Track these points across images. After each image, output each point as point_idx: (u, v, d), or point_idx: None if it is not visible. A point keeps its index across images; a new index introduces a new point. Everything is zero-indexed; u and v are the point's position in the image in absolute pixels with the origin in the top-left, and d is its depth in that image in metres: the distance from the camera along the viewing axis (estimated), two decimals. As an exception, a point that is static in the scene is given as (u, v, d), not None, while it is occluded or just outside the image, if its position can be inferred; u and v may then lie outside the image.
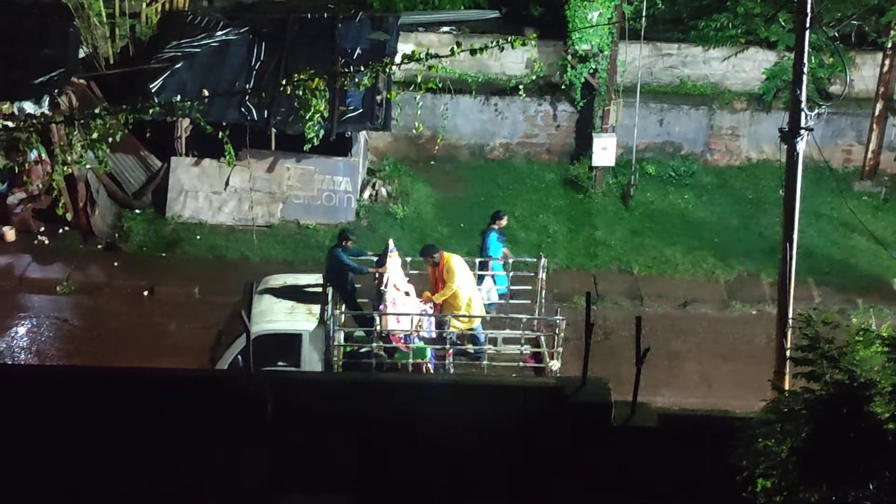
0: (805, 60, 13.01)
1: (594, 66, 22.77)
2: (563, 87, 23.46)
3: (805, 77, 13.09)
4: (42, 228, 21.30)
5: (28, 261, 20.66)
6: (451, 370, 15.82)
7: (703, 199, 22.94)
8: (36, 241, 21.10)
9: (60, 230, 21.16)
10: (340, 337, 15.77)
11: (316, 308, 15.78)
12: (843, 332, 10.02)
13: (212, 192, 21.68)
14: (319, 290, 16.19)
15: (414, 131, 22.29)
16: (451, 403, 12.29)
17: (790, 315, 13.49)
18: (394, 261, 16.26)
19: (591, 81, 22.91)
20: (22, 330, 18.81)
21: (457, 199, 22.79)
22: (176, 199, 21.69)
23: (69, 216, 20.00)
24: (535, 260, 17.07)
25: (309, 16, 22.79)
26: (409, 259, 16.91)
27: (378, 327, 15.65)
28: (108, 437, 9.28)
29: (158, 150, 22.11)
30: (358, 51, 21.99)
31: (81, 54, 22.20)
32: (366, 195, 22.34)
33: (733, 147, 24.06)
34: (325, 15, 22.80)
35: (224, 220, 21.64)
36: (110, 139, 14.05)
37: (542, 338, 16.28)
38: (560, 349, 15.82)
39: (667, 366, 18.07)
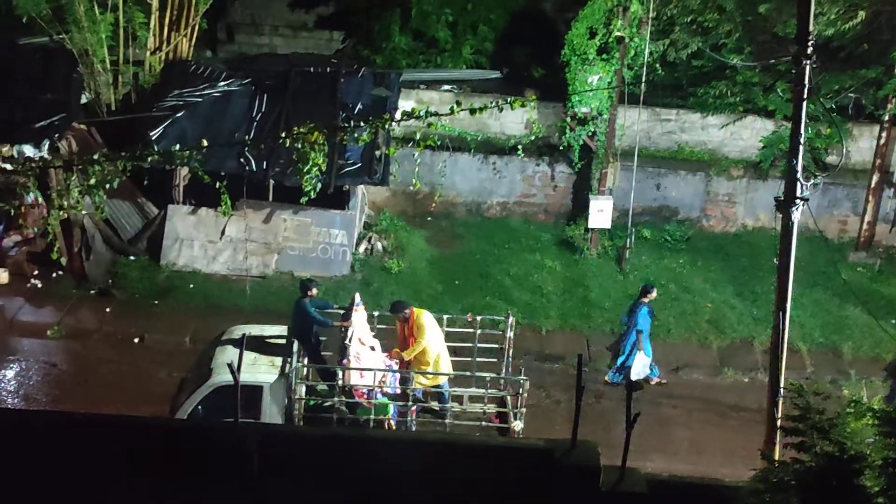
0: (802, 130, 13.08)
1: (593, 129, 22.90)
2: (561, 148, 23.58)
3: (802, 147, 13.16)
4: (36, 272, 21.25)
5: (20, 304, 20.58)
6: (413, 427, 15.69)
7: (698, 264, 22.96)
8: (29, 285, 21.05)
9: (54, 274, 21.12)
10: (302, 390, 15.62)
11: (279, 360, 15.73)
12: (835, 404, 9.98)
13: (207, 241, 21.67)
14: (283, 341, 16.16)
15: (411, 188, 22.37)
16: (439, 462, 12.16)
17: (782, 384, 13.44)
18: (359, 315, 16.24)
19: (590, 144, 23.03)
20: (10, 373, 18.69)
21: (452, 256, 22.80)
22: (171, 247, 21.68)
23: (63, 261, 19.97)
24: (502, 318, 16.99)
25: (311, 69, 22.94)
26: (376, 314, 16.88)
27: (340, 381, 15.55)
28: (90, 486, 9.19)
29: (156, 198, 22.16)
30: (359, 105, 22.13)
31: (84, 100, 22.35)
32: (361, 249, 22.35)
33: (729, 213, 24.14)
34: (328, 69, 22.95)
35: (218, 269, 21.61)
36: (107, 185, 14.08)
37: (508, 397, 16.14)
38: (524, 409, 15.67)
39: (657, 431, 17.94)
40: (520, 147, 23.41)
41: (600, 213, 22.43)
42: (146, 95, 23.07)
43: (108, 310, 20.54)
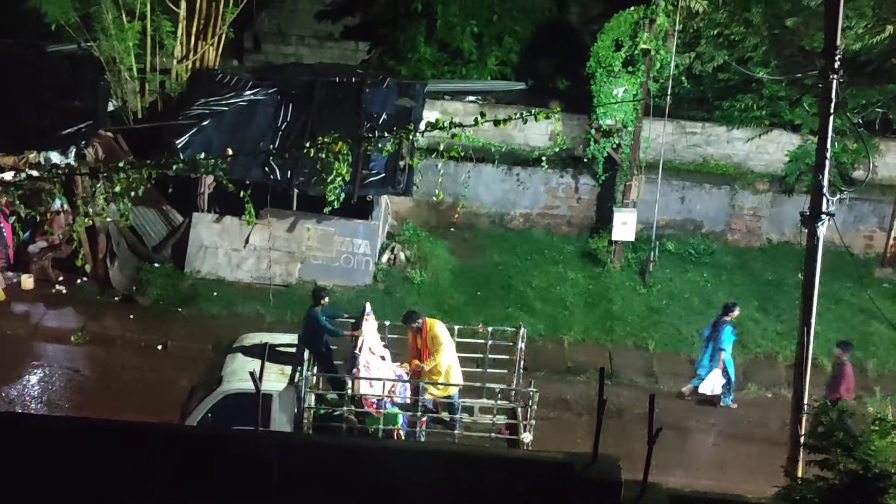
0: (829, 145, 13.01)
1: (617, 141, 22.86)
2: (585, 160, 23.54)
3: (828, 161, 13.08)
4: (61, 278, 21.38)
5: (45, 309, 20.70)
6: (423, 437, 15.65)
7: (722, 278, 22.83)
8: (54, 291, 21.17)
9: (79, 280, 21.23)
10: (311, 399, 15.62)
11: (289, 369, 15.74)
12: (859, 421, 9.89)
13: (231, 249, 21.74)
14: (294, 350, 16.17)
15: (434, 198, 22.39)
16: (456, 473, 12.11)
17: (805, 400, 13.34)
18: (370, 324, 16.24)
19: (614, 156, 22.99)
20: (34, 378, 18.79)
21: (475, 267, 22.77)
22: (195, 255, 21.76)
23: (88, 267, 20.09)
24: (513, 329, 16.94)
25: (337, 80, 23.02)
26: (387, 323, 16.92)
27: (350, 391, 15.53)
28: (107, 493, 9.20)
29: (181, 205, 22.25)
30: (384, 116, 22.17)
31: (111, 107, 22.50)
32: (384, 259, 22.36)
33: (754, 228, 24.02)
34: (353, 79, 23.02)
35: (242, 277, 21.67)
36: (132, 193, 14.16)
37: (519, 409, 16.08)
38: (533, 421, 15.61)
39: (680, 446, 17.87)
40: (544, 158, 23.39)
41: (624, 225, 22.35)
42: (172, 104, 23.20)
43: (131, 316, 20.63)
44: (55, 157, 20.24)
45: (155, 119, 22.82)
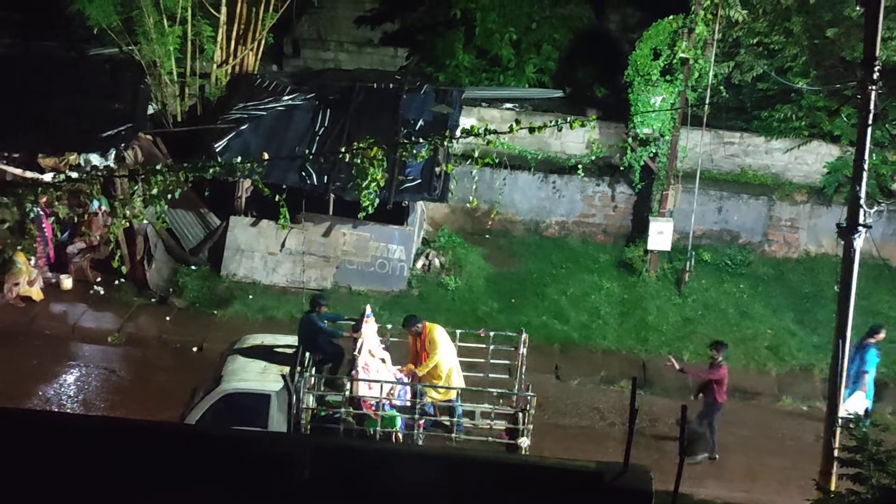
0: (867, 156, 12.93)
1: (654, 150, 22.78)
2: (622, 168, 23.47)
3: (866, 173, 13.00)
4: (99, 279, 21.60)
5: (83, 310, 20.93)
6: (421, 441, 15.66)
7: (758, 289, 22.68)
8: (91, 291, 21.39)
9: (116, 281, 21.42)
10: (309, 400, 15.65)
11: (288, 370, 15.83)
12: (893, 435, 9.80)
13: (267, 253, 21.87)
14: (296, 351, 16.27)
15: (468, 205, 22.43)
16: (488, 481, 12.11)
17: (840, 414, 13.23)
18: (370, 327, 16.30)
19: (651, 165, 22.91)
20: (70, 378, 18.99)
21: (509, 274, 22.77)
22: (232, 258, 21.91)
23: (124, 269, 20.28)
24: (515, 335, 16.92)
25: (374, 85, 23.11)
26: (389, 326, 17.02)
27: (348, 392, 15.57)
28: (141, 493, 9.29)
29: (218, 209, 22.42)
30: (420, 122, 22.22)
31: (150, 110, 22.70)
32: (419, 265, 22.40)
33: (792, 239, 23.83)
34: (391, 85, 23.09)
35: (277, 280, 21.78)
36: (170, 195, 14.29)
37: (520, 414, 16.04)
38: (531, 427, 15.57)
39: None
40: (580, 166, 23.34)
41: (660, 234, 22.25)
42: (211, 108, 23.38)
43: (167, 318, 20.81)
44: (95, 159, 20.45)
45: (194, 123, 23.01)
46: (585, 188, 23.95)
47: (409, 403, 15.89)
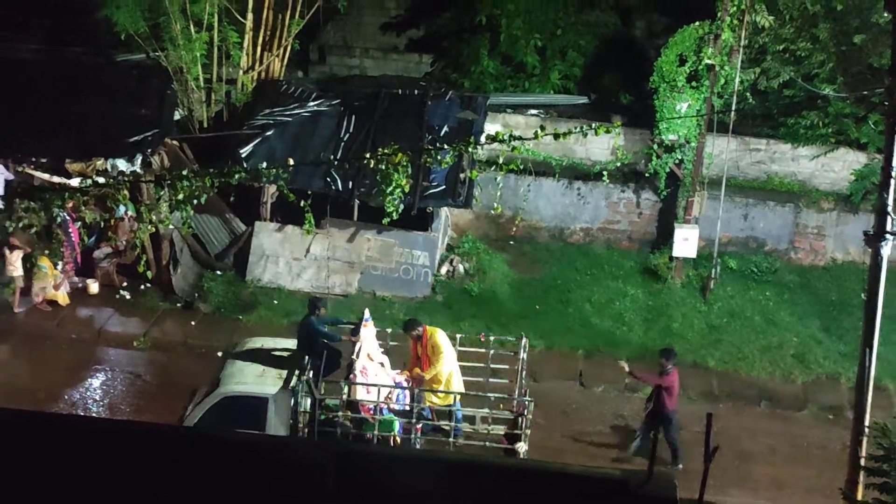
0: (894, 164, 12.82)
1: (680, 157, 22.71)
2: (647, 175, 23.41)
3: (894, 180, 12.88)
4: (125, 283, 21.70)
5: (109, 314, 21.05)
6: (418, 445, 15.64)
7: (784, 297, 22.55)
8: (118, 296, 21.51)
9: (142, 286, 21.53)
10: (306, 403, 15.65)
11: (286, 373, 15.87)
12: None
13: (292, 259, 21.93)
14: (294, 354, 16.30)
15: (492, 211, 22.42)
16: (514, 487, 12.08)
17: (866, 423, 13.12)
18: (368, 330, 16.30)
19: (676, 172, 22.84)
20: (96, 382, 19.10)
21: (533, 281, 22.73)
22: (257, 263, 21.98)
23: (150, 274, 20.40)
24: (515, 339, 16.88)
25: (400, 92, 23.14)
26: (389, 331, 17.04)
27: (345, 396, 15.59)
28: (165, 499, 9.31)
29: (244, 214, 22.49)
30: (445, 128, 22.24)
31: (177, 116, 22.81)
32: (443, 271, 22.40)
33: (818, 246, 23.69)
34: (416, 92, 23.12)
35: (302, 286, 21.83)
36: (195, 201, 14.36)
37: (521, 419, 15.99)
38: (528, 431, 15.55)
39: (737, 465, 17.65)
40: (605, 173, 23.30)
41: (685, 241, 22.16)
42: (237, 113, 23.48)
43: (193, 323, 20.89)
44: (122, 164, 20.55)
45: (220, 128, 23.11)
46: (610, 195, 23.89)
47: (407, 407, 15.90)
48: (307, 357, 16.14)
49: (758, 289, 22.71)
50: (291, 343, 16.82)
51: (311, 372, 16.03)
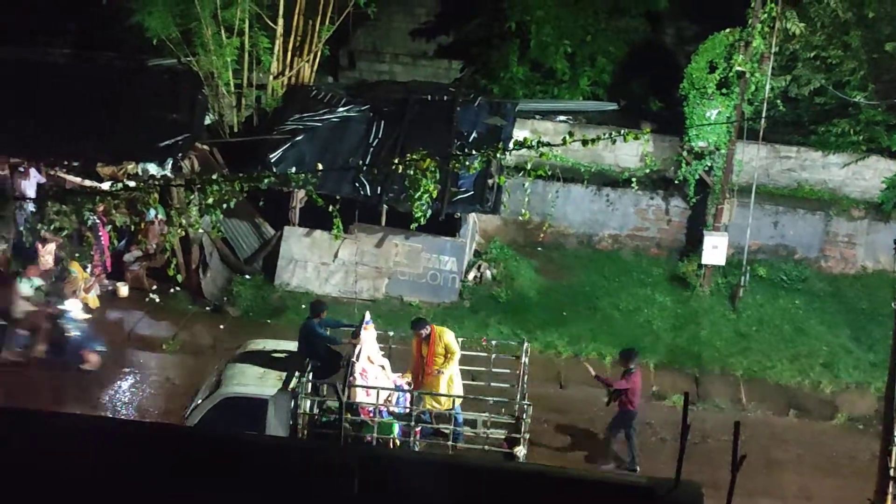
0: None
1: (710, 164, 22.64)
2: (676, 182, 23.35)
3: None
4: (154, 287, 21.82)
5: (138, 317, 21.17)
6: (417, 447, 15.62)
7: (814, 305, 22.41)
8: (147, 299, 21.62)
9: (172, 290, 21.63)
10: (306, 405, 15.65)
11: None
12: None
13: (320, 263, 22.00)
14: (295, 357, 16.34)
15: (519, 217, 22.42)
16: (541, 493, 12.06)
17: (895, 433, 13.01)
18: (369, 333, 16.31)
19: (706, 179, 22.76)
20: (125, 385, 19.21)
21: (561, 287, 22.69)
22: (285, 268, 22.06)
23: (180, 277, 20.51)
24: (516, 343, 16.82)
25: (429, 98, 23.19)
26: (391, 333, 17.10)
27: (344, 398, 15.60)
28: (192, 502, 9.37)
29: (273, 219, 22.59)
30: (474, 134, 22.26)
31: (207, 121, 22.94)
32: (470, 276, 22.40)
33: (849, 255, 23.54)
34: (445, 98, 23.17)
35: (330, 291, 21.89)
36: (225, 205, 14.44)
37: (522, 424, 15.94)
38: (527, 436, 15.55)
39: (765, 474, 17.53)
40: (634, 180, 23.25)
41: (715, 249, 22.07)
42: (267, 119, 23.58)
43: (221, 326, 20.99)
44: (153, 168, 20.70)
45: (250, 133, 23.21)
46: (639, 201, 23.84)
47: (407, 410, 15.91)
48: (308, 359, 16.20)
49: (787, 297, 22.59)
50: (293, 346, 16.89)
51: (311, 374, 16.10)
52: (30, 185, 21.55)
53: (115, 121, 21.67)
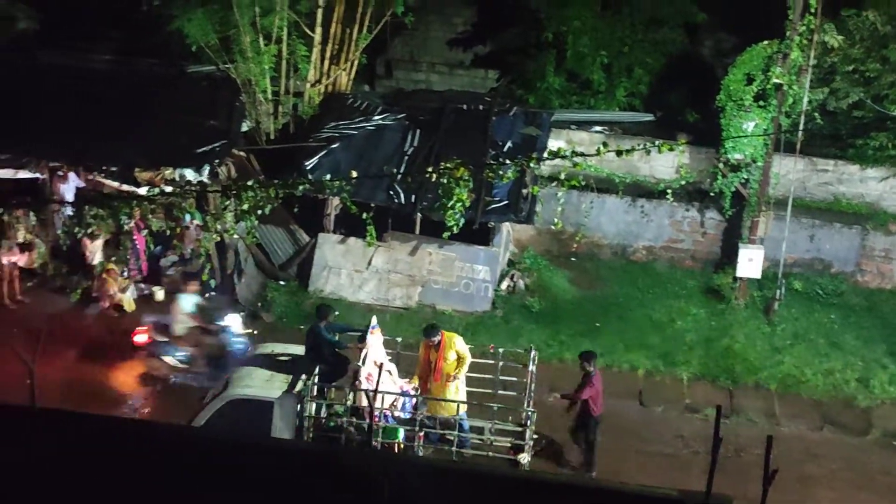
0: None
1: (746, 177, 22.53)
2: (712, 194, 23.26)
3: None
4: (190, 291, 21.95)
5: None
6: (420, 453, 15.60)
7: (850, 320, 22.23)
8: (183, 304, 21.76)
9: (207, 294, 21.76)
10: (311, 408, 15.68)
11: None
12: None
13: (354, 271, 22.08)
14: (302, 361, 16.40)
15: (552, 227, 22.40)
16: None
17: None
18: (375, 338, 16.30)
19: (742, 191, 22.66)
20: (158, 388, 19.33)
21: (594, 298, 22.64)
22: (319, 274, 22.15)
23: (213, 283, 20.66)
24: (523, 351, 16.73)
25: (465, 107, 23.26)
26: (399, 339, 17.10)
27: (349, 402, 15.55)
28: None
29: (308, 226, 22.71)
30: (509, 143, 22.28)
31: (244, 128, 23.11)
32: (504, 286, 22.40)
33: (885, 270, 23.33)
34: (481, 107, 23.22)
35: (363, 298, 21.96)
36: (260, 211, 14.55)
37: (528, 431, 15.88)
38: (531, 442, 15.51)
39: (798, 489, 17.37)
40: (669, 191, 23.18)
41: (750, 262, 21.96)
42: (304, 126, 23.73)
43: (255, 332, 21.07)
44: (190, 173, 20.85)
45: (287, 140, 23.36)
46: (674, 213, 23.77)
47: (413, 416, 15.93)
48: (316, 363, 16.27)
49: (822, 311, 22.42)
50: (302, 350, 16.97)
51: (318, 378, 16.16)
52: (68, 189, 21.78)
53: (153, 126, 21.87)
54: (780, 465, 11.97)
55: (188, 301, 19.46)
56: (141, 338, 19.49)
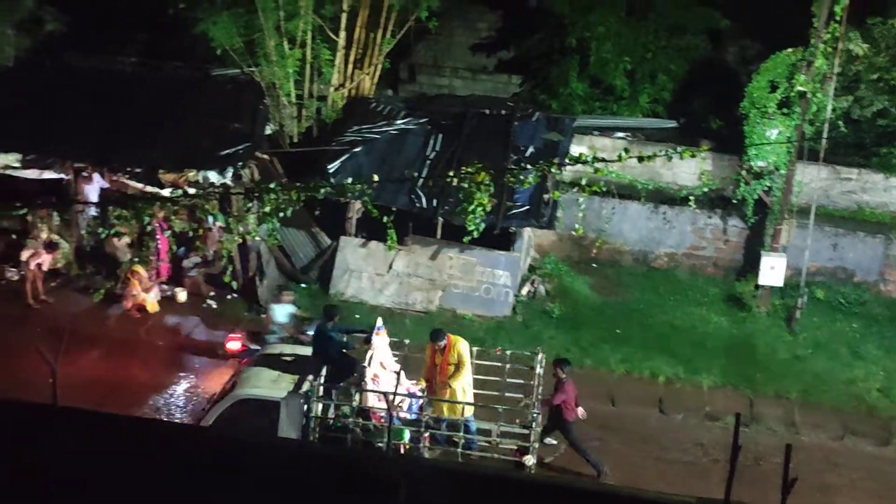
0: None
1: (769, 184, 22.47)
2: (734, 201, 23.20)
3: None
4: (212, 293, 22.09)
5: (195, 323, 21.42)
6: (426, 454, 15.59)
7: (872, 329, 22.11)
8: (204, 305, 21.89)
9: (228, 296, 21.89)
10: (318, 408, 15.69)
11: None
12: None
13: (375, 274, 22.13)
14: (310, 361, 16.40)
15: (573, 232, 22.39)
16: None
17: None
18: (381, 339, 16.29)
19: (765, 199, 22.58)
20: (180, 389, 19.45)
21: (615, 304, 22.61)
22: (340, 277, 22.22)
23: (235, 284, 20.74)
24: (529, 354, 16.72)
25: (487, 112, 23.28)
26: (406, 342, 17.06)
27: (355, 403, 15.57)
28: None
29: (330, 229, 22.78)
30: (531, 149, 22.30)
31: (268, 131, 23.21)
32: (524, 291, 22.40)
33: (909, 279, 23.23)
34: (503, 112, 23.23)
35: (384, 301, 22.00)
36: (282, 214, 14.62)
37: (532, 433, 15.84)
38: (535, 444, 15.47)
39: (818, 499, 17.27)
40: (692, 198, 23.13)
41: (772, 270, 21.88)
42: (327, 130, 23.82)
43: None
44: (213, 176, 20.96)
45: (310, 144, 23.46)
46: (696, 220, 23.72)
47: (419, 417, 15.93)
48: (323, 364, 16.30)
49: (845, 320, 22.32)
50: (309, 351, 17.01)
51: (325, 378, 16.19)
52: (92, 190, 21.94)
53: (178, 129, 22.02)
54: (799, 473, 11.89)
55: (282, 311, 19.63)
56: (234, 345, 19.53)
